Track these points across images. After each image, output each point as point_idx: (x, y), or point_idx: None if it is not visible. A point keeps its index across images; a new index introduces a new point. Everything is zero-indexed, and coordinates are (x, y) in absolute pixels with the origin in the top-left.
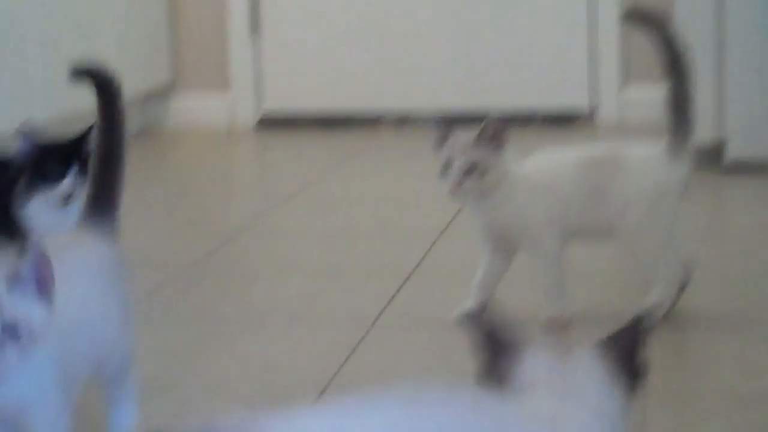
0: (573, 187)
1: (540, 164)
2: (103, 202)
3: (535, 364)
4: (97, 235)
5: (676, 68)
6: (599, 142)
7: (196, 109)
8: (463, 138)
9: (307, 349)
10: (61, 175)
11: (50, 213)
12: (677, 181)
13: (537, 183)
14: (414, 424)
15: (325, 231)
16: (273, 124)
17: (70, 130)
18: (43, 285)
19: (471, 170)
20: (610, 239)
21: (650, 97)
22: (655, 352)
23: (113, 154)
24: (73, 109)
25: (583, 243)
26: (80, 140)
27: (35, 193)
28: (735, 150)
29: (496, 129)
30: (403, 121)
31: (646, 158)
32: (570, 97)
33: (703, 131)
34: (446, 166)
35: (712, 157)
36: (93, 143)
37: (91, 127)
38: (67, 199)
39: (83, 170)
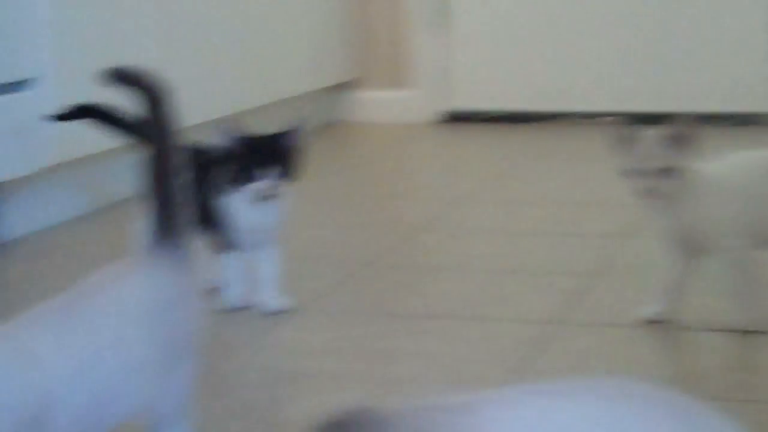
0: (764, 189)
1: (732, 166)
2: (163, 225)
3: None
4: (157, 265)
5: None
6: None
7: (383, 104)
8: (653, 139)
9: (490, 348)
10: (261, 172)
11: (251, 209)
12: None
13: (727, 185)
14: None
15: (507, 229)
16: (457, 119)
17: (264, 124)
18: None
19: (663, 172)
20: None
21: None
22: None
23: (165, 168)
24: (264, 103)
25: None
26: (282, 137)
27: (234, 188)
28: None
29: (687, 130)
30: (589, 120)
31: None
32: (763, 98)
33: None
34: (635, 168)
35: None
36: (299, 140)
37: (298, 123)
38: (267, 196)
39: (285, 168)
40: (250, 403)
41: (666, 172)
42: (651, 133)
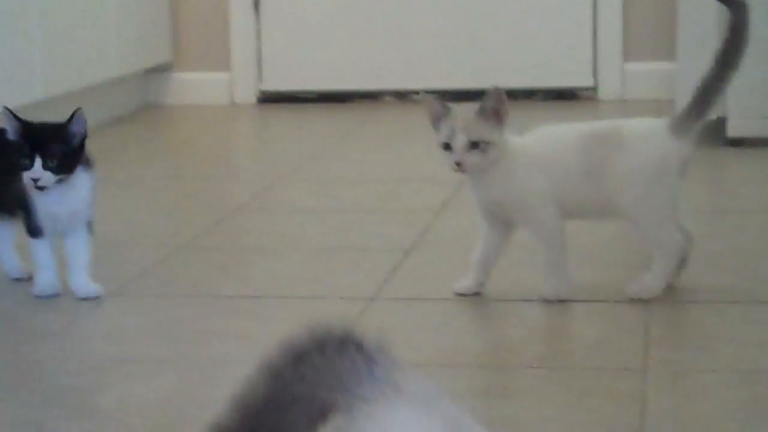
0: (573, 162)
1: (540, 139)
2: None
3: None
4: None
5: (731, 54)
6: (601, 117)
7: (197, 85)
8: (464, 113)
9: (304, 327)
10: (28, 162)
11: (45, 196)
12: (678, 158)
13: (537, 158)
14: None
15: (324, 208)
16: (273, 101)
17: (67, 109)
18: None
19: (473, 146)
20: (611, 216)
21: (651, 73)
22: (656, 327)
23: None
24: (72, 87)
25: (585, 220)
26: (54, 128)
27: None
28: (735, 127)
29: (497, 104)
30: (403, 98)
31: (647, 134)
32: (573, 73)
33: None
34: (447, 142)
35: (715, 133)
36: (75, 131)
37: (74, 114)
38: (39, 186)
39: (56, 158)
40: (64, 390)
41: (474, 146)
42: (461, 108)
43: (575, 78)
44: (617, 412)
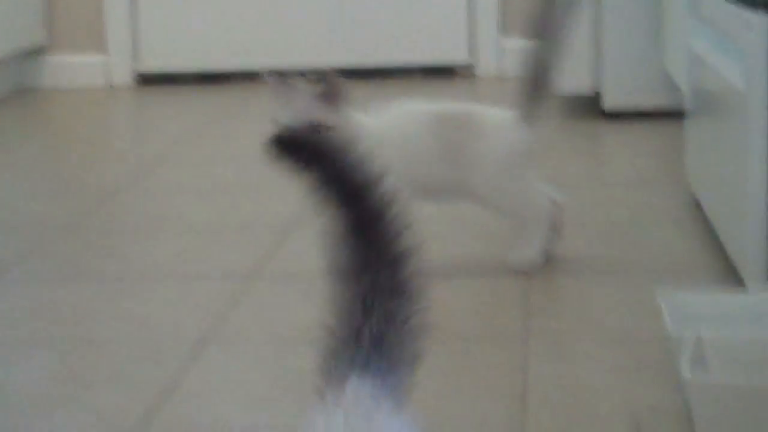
0: (425, 143)
1: (392, 120)
2: None
3: None
4: None
5: (548, 31)
6: (479, 94)
7: (72, 68)
8: (303, 94)
9: (185, 306)
10: None
11: None
12: (527, 145)
13: (388, 139)
14: None
15: (204, 188)
16: (150, 82)
17: None
18: None
19: (310, 127)
20: (465, 199)
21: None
22: (534, 295)
23: None
24: None
25: (440, 202)
26: None
27: None
28: (610, 99)
29: (335, 85)
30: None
31: (498, 121)
32: (450, 50)
33: (581, 81)
34: (284, 123)
35: (591, 106)
36: None
37: None
38: None
39: None
40: None
41: (314, 127)
42: (301, 88)
43: (452, 55)
44: (500, 381)
